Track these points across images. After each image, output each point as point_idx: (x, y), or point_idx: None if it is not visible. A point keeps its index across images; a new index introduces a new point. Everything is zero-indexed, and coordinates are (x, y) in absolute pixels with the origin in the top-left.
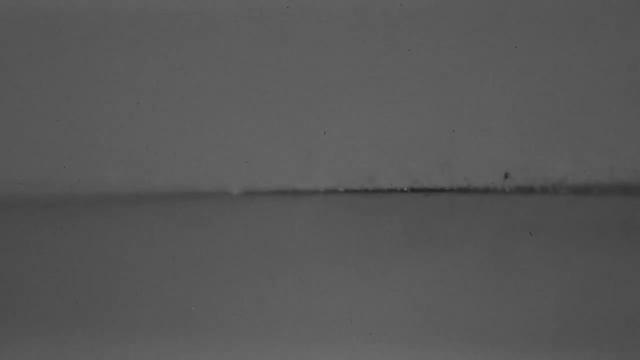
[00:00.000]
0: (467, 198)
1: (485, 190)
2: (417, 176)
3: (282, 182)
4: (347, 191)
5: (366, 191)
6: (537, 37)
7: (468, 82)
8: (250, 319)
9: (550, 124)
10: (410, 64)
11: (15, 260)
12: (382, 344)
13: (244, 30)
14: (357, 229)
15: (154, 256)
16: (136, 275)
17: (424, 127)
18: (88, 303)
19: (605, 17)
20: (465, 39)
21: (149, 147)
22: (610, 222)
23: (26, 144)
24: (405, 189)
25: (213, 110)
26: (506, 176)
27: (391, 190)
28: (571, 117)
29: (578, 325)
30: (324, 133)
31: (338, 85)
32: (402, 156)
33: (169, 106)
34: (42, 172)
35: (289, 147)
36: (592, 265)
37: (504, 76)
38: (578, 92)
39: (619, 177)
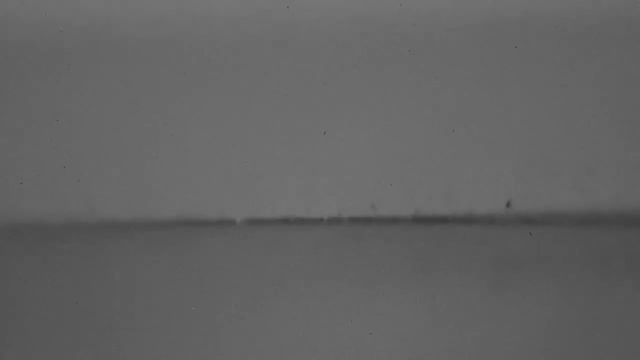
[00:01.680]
0: (469, 227)
1: (488, 219)
2: (419, 205)
3: (286, 210)
4: (350, 220)
5: (369, 220)
6: (543, 68)
7: (471, 111)
8: (251, 347)
9: (553, 153)
10: (416, 96)
11: (15, 288)
12: None
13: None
14: (360, 257)
15: (155, 284)
16: (137, 302)
17: (427, 156)
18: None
19: (612, 46)
20: (470, 65)
21: (152, 175)
22: (613, 253)
23: (28, 169)
24: (408, 218)
25: (216, 139)
26: (508, 205)
27: (394, 219)
28: (574, 146)
29: (579, 357)
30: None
31: (342, 113)
32: (405, 185)
33: (172, 135)
34: (52, 200)
35: (292, 175)
36: (594, 297)
37: (507, 106)
38: (581, 120)
39: (622, 208)
